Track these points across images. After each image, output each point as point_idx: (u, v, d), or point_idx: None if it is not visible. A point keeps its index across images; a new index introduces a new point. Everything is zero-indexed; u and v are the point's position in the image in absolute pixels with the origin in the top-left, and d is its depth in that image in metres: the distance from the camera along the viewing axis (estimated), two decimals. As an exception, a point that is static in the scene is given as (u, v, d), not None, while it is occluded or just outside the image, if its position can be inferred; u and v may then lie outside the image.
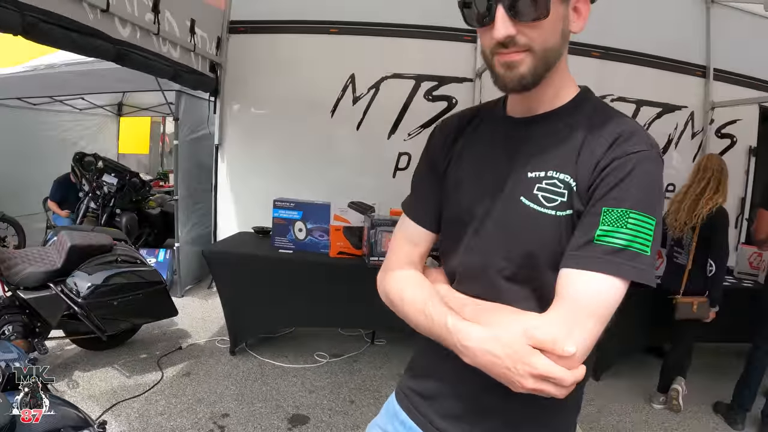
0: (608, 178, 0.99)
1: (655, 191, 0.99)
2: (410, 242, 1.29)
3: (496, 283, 1.11)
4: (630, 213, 0.96)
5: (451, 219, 1.23)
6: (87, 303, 3.65)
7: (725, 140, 5.66)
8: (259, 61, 5.31)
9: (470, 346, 1.00)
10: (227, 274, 4.15)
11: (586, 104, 1.11)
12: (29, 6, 2.59)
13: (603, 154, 1.01)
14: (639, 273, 0.96)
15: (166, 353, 4.28)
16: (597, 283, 0.95)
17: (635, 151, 0.98)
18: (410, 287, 1.20)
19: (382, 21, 5.13)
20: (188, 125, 5.73)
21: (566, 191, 1.04)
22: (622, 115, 1.08)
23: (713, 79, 5.52)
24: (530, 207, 1.06)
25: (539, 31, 1.00)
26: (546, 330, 0.94)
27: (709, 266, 3.67)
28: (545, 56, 1.02)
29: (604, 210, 0.98)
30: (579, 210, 1.03)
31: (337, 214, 3.93)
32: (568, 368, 0.92)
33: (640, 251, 0.96)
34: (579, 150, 1.04)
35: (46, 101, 7.51)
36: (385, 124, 5.25)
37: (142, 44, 3.71)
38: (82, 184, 6.74)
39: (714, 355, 4.84)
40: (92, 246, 3.86)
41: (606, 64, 5.25)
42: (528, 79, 1.03)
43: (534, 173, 1.08)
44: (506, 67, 1.03)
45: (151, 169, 10.63)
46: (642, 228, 0.96)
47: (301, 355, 4.41)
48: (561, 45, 1.05)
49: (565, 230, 1.03)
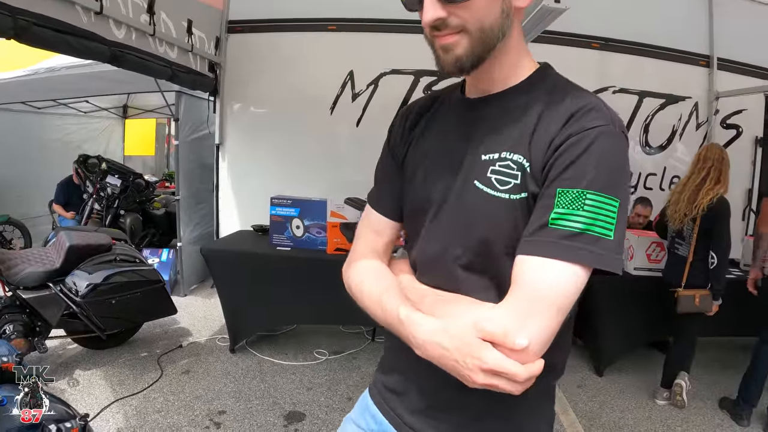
0: (563, 156, 0.92)
1: (616, 170, 0.91)
2: (373, 232, 1.26)
3: (453, 272, 1.06)
4: (587, 194, 0.89)
5: (411, 207, 1.19)
6: (86, 302, 3.68)
7: (731, 131, 5.59)
8: (258, 60, 5.31)
9: (420, 338, 0.96)
10: (226, 272, 4.15)
11: (544, 81, 1.05)
12: (21, 10, 2.60)
13: (558, 131, 0.94)
14: (599, 259, 0.89)
15: (166, 351, 4.29)
16: (553, 270, 0.89)
17: (592, 126, 0.92)
18: (370, 278, 1.16)
19: (380, 17, 5.09)
20: (189, 125, 5.74)
21: (519, 173, 0.98)
22: (582, 91, 1.01)
23: (717, 69, 5.44)
24: (483, 191, 1.01)
25: (471, 11, 0.94)
26: (497, 322, 0.88)
27: (710, 258, 3.60)
28: (482, 37, 0.96)
29: (558, 191, 0.91)
30: (534, 192, 0.96)
31: (334, 210, 3.91)
32: (521, 362, 0.86)
33: (601, 235, 0.89)
34: (533, 129, 0.98)
35: (50, 105, 7.57)
36: (385, 120, 5.10)
37: (137, 45, 3.72)
38: (86, 186, 6.77)
39: (719, 349, 4.79)
40: (91, 246, 3.88)
41: (606, 55, 5.19)
42: (464, 62, 0.97)
43: (488, 155, 1.02)
44: (443, 50, 0.98)
45: (157, 171, 10.69)
46: (602, 210, 0.89)
47: (301, 352, 4.40)
48: (501, 23, 0.97)
49: (521, 215, 0.97)
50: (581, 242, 0.88)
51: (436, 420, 1.13)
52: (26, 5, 2.63)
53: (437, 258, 1.10)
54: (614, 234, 0.90)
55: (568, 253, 0.88)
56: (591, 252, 0.88)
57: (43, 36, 2.78)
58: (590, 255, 0.88)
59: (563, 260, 0.88)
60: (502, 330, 0.86)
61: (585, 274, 0.90)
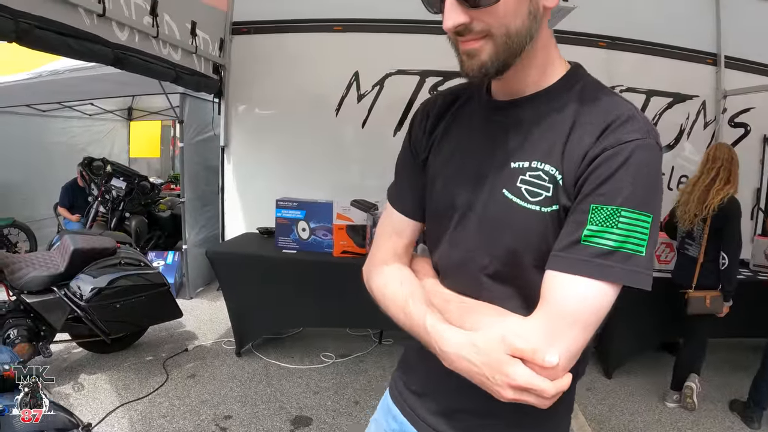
0: (598, 170, 0.89)
1: (651, 184, 0.89)
2: (395, 233, 1.22)
3: (478, 280, 1.05)
4: (622, 211, 0.86)
5: (433, 210, 1.16)
6: (90, 306, 3.66)
7: (739, 129, 5.51)
8: (263, 61, 5.27)
9: (448, 351, 0.95)
10: (231, 275, 4.13)
11: (575, 84, 1.00)
12: (23, 12, 2.57)
13: (593, 143, 0.91)
14: (631, 276, 0.88)
15: (171, 355, 4.28)
16: (584, 287, 0.88)
17: (630, 139, 0.88)
18: (392, 282, 1.14)
19: (386, 17, 5.06)
20: (193, 127, 5.73)
21: (551, 185, 0.95)
22: (616, 97, 0.97)
23: (725, 67, 5.37)
24: (513, 201, 0.98)
25: (495, 15, 0.89)
26: (526, 338, 0.87)
27: (721, 259, 3.56)
28: (508, 42, 0.91)
29: (592, 207, 0.88)
30: (566, 206, 0.93)
31: (340, 212, 3.88)
32: (550, 379, 0.86)
33: (634, 252, 0.87)
34: (566, 138, 0.94)
35: (54, 107, 7.56)
36: (391, 121, 5.18)
37: (141, 47, 3.69)
38: (91, 189, 6.77)
39: (729, 350, 4.74)
40: (95, 249, 3.86)
41: (613, 54, 5.14)
42: (489, 67, 0.93)
43: (517, 163, 0.99)
44: (467, 55, 0.94)
45: (162, 173, 10.69)
46: (636, 227, 0.87)
47: (308, 355, 4.38)
48: (529, 26, 0.92)
49: (551, 228, 0.95)
50: (614, 260, 0.87)
51: (459, 422, 1.12)
52: (28, 8, 2.60)
53: (462, 265, 1.08)
54: (646, 250, 0.88)
55: (601, 272, 0.87)
56: (623, 270, 0.87)
57: (45, 39, 2.75)
58: (622, 273, 0.87)
59: (595, 278, 0.87)
60: (532, 347, 0.86)
61: (615, 292, 0.89)
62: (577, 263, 0.88)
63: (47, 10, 2.73)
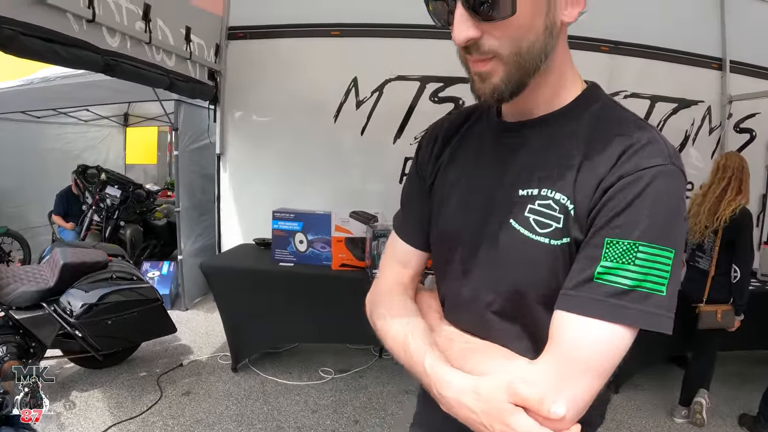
0: (613, 200, 0.81)
1: (673, 215, 0.80)
2: (399, 262, 1.16)
3: (484, 317, 0.97)
4: (640, 246, 0.78)
5: (438, 240, 1.10)
6: (80, 323, 3.55)
7: (744, 135, 5.41)
8: (260, 67, 5.16)
9: (447, 396, 0.88)
10: (227, 289, 4.01)
11: (591, 105, 0.93)
12: (6, 18, 2.47)
13: (608, 170, 0.83)
14: (649, 319, 0.79)
15: (166, 371, 4.16)
16: (597, 331, 0.79)
17: (649, 165, 0.80)
18: (394, 317, 1.06)
19: (385, 22, 4.95)
20: (189, 135, 5.62)
21: (562, 216, 0.87)
22: (634, 119, 0.89)
23: (730, 72, 5.27)
24: (520, 233, 0.90)
25: (508, 31, 0.81)
26: (532, 385, 0.80)
27: (733, 272, 3.45)
28: (519, 61, 0.84)
29: (607, 241, 0.80)
30: (577, 239, 0.85)
31: (339, 224, 3.76)
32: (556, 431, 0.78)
33: (653, 291, 0.79)
34: (579, 164, 0.86)
35: (49, 113, 7.44)
36: (390, 128, 5.06)
37: (133, 54, 3.59)
38: (85, 197, 6.67)
39: (737, 363, 4.64)
40: (85, 263, 3.75)
41: (616, 59, 5.03)
42: (503, 91, 0.86)
43: (526, 191, 0.91)
44: (479, 77, 0.87)
45: (159, 179, 10.58)
46: (655, 263, 0.78)
47: (306, 371, 4.26)
48: (544, 42, 0.85)
49: (561, 262, 0.87)
50: (629, 301, 0.79)
51: None
52: (13, 14, 2.49)
53: (468, 301, 1.01)
54: (667, 289, 0.79)
55: (615, 314, 0.79)
56: (640, 311, 0.79)
57: (30, 46, 2.64)
58: (639, 315, 0.79)
59: (608, 321, 0.79)
60: (538, 396, 0.79)
61: (631, 335, 0.81)
62: (590, 303, 0.80)
63: (33, 15, 2.63)
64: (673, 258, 0.79)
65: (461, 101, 4.93)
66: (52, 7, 2.75)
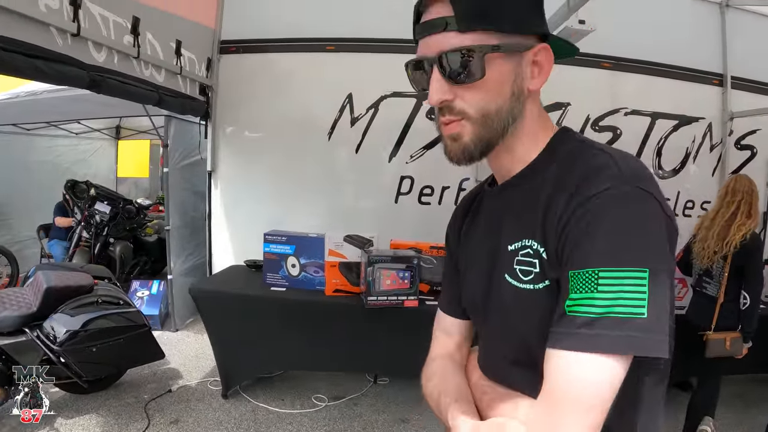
0: (571, 233, 0.83)
1: (635, 234, 0.79)
2: (444, 333, 1.25)
3: (504, 369, 1.04)
4: (599, 272, 0.78)
5: (467, 307, 1.18)
6: (64, 350, 3.41)
7: (745, 152, 5.37)
8: (253, 82, 5.05)
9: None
10: (216, 314, 3.86)
11: (558, 151, 0.96)
12: (-15, 33, 2.36)
13: (564, 207, 0.85)
14: (626, 343, 0.76)
15: (154, 397, 4.00)
16: (574, 364, 0.78)
17: (598, 191, 0.81)
18: (434, 379, 1.15)
19: (381, 37, 4.85)
20: (180, 151, 5.49)
21: (537, 260, 0.91)
22: (596, 151, 0.90)
23: (731, 88, 5.22)
24: (511, 284, 0.95)
25: (478, 93, 0.90)
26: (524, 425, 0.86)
27: (742, 299, 3.33)
28: (486, 123, 0.92)
29: (570, 274, 0.82)
30: (556, 279, 0.87)
31: (332, 248, 3.62)
32: None
33: (628, 315, 0.77)
34: (545, 208, 0.90)
35: (40, 126, 7.35)
36: (386, 146, 4.97)
37: (120, 69, 3.47)
38: (74, 213, 6.53)
39: (740, 384, 4.53)
40: (70, 287, 3.61)
41: (618, 76, 4.96)
42: (473, 150, 0.94)
43: (513, 245, 0.97)
44: (451, 139, 0.95)
45: (151, 193, 10.46)
46: (624, 286, 0.77)
47: (299, 397, 4.10)
48: (511, 107, 0.92)
49: (547, 304, 0.88)
50: (602, 328, 0.77)
51: None
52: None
53: (491, 356, 1.10)
54: (648, 310, 0.77)
55: (588, 343, 0.78)
56: (617, 337, 0.77)
57: (10, 61, 2.52)
58: (615, 340, 0.77)
59: (583, 351, 0.78)
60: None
61: (618, 364, 0.78)
62: (564, 337, 0.80)
63: (14, 29, 2.52)
64: (647, 277, 0.77)
65: (458, 119, 4.83)
66: (34, 21, 2.64)
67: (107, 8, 3.26)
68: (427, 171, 4.94)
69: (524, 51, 0.92)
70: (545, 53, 0.93)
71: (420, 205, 5.00)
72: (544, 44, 0.94)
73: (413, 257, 3.48)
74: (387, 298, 3.44)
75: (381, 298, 3.42)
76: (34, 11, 2.61)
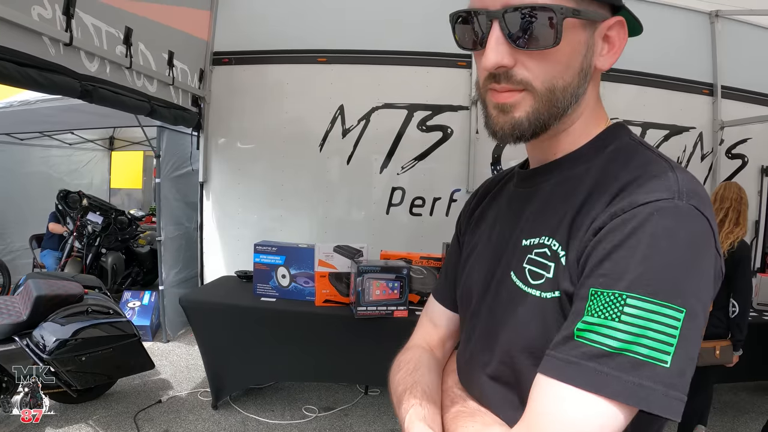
0: (602, 243, 0.69)
1: (682, 265, 0.65)
2: (430, 321, 1.12)
3: (480, 380, 0.88)
4: (627, 298, 0.64)
5: (459, 299, 1.04)
6: (53, 358, 3.38)
7: (736, 161, 5.39)
8: (245, 93, 5.07)
9: None
10: (206, 324, 3.84)
11: (608, 146, 0.82)
12: (-25, 41, 2.37)
13: (602, 209, 0.72)
14: (639, 393, 0.62)
15: (144, 408, 3.98)
16: (570, 401, 0.65)
17: (646, 201, 0.68)
18: (404, 371, 0.99)
19: (372, 48, 4.89)
20: (172, 162, 5.50)
21: (552, 264, 0.76)
22: (650, 155, 0.78)
23: (722, 97, 5.25)
24: (516, 285, 0.82)
25: (545, 64, 0.75)
26: None
27: (731, 307, 3.34)
28: (551, 99, 0.77)
29: (591, 292, 0.67)
30: (568, 291, 0.73)
31: (323, 259, 3.61)
32: None
33: (648, 359, 0.63)
34: (579, 207, 0.77)
35: (34, 135, 7.34)
36: (377, 157, 4.98)
37: (112, 79, 3.49)
38: (66, 223, 6.52)
39: (731, 392, 4.56)
40: (60, 296, 3.61)
41: (608, 86, 4.97)
42: (525, 128, 0.78)
43: (528, 240, 0.83)
44: (499, 109, 0.79)
45: (144, 204, 10.46)
46: (652, 322, 0.63)
47: (289, 408, 4.08)
48: (577, 84, 0.78)
49: (552, 319, 0.75)
50: (613, 367, 0.63)
51: None
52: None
53: (469, 361, 0.94)
54: (672, 359, 0.63)
55: (591, 381, 0.64)
56: (627, 383, 0.62)
57: (2, 70, 2.53)
58: (624, 386, 0.62)
59: (584, 389, 0.64)
60: None
61: (618, 413, 0.64)
62: (564, 366, 0.67)
63: (6, 38, 2.53)
64: (682, 320, 0.63)
65: (449, 130, 4.86)
66: (27, 30, 2.65)
67: (100, 18, 3.29)
68: (418, 182, 4.95)
69: (601, 21, 0.79)
70: (620, 28, 0.81)
71: (411, 216, 5.00)
72: (620, 18, 0.81)
73: (403, 267, 3.47)
74: (377, 309, 3.43)
75: (371, 308, 3.41)
76: (27, 20, 2.62)
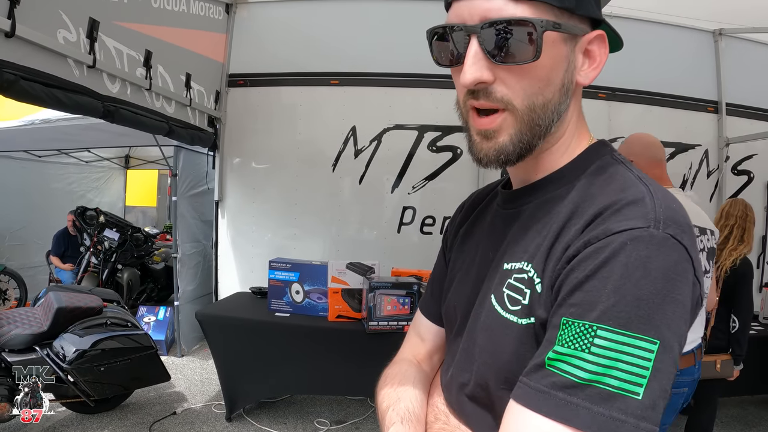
0: (575, 272, 0.67)
1: (657, 296, 0.62)
2: (418, 335, 1.11)
3: (460, 400, 0.88)
4: (597, 329, 0.62)
5: (444, 315, 1.03)
6: (72, 368, 3.50)
7: (742, 177, 5.42)
8: (260, 114, 5.22)
9: None
10: (222, 338, 3.94)
11: (590, 165, 0.80)
12: (7, 63, 2.50)
13: (577, 236, 0.70)
14: (610, 426, 0.60)
15: (159, 419, 4.06)
16: (540, 430, 0.64)
17: (620, 229, 0.66)
18: (389, 385, 1.00)
19: (383, 71, 5.03)
20: (188, 180, 5.63)
21: (528, 290, 0.75)
22: (632, 177, 0.75)
23: (726, 114, 5.30)
24: (494, 309, 0.80)
25: (525, 79, 0.73)
26: None
27: (732, 322, 3.38)
28: (533, 118, 0.75)
29: (563, 321, 0.66)
30: (542, 319, 0.73)
31: (335, 275, 3.71)
32: None
33: (619, 391, 0.61)
34: (558, 231, 0.75)
35: (52, 153, 7.52)
36: (389, 177, 5.10)
37: (133, 100, 3.63)
38: (83, 239, 6.66)
39: (737, 406, 4.56)
40: (80, 308, 3.73)
41: (614, 105, 5.07)
42: (510, 152, 0.76)
43: (510, 264, 0.81)
44: (482, 136, 0.77)
45: (158, 222, 10.60)
46: (624, 354, 0.61)
47: (301, 421, 4.15)
48: (558, 101, 0.76)
49: (527, 345, 0.74)
50: (583, 398, 0.62)
51: None
52: (14, 58, 2.53)
53: (450, 380, 0.92)
54: (645, 391, 0.61)
55: (561, 411, 0.63)
56: (597, 414, 0.61)
57: (30, 91, 2.66)
58: (593, 418, 0.61)
59: (553, 420, 0.63)
60: None
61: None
62: (533, 395, 0.66)
63: (33, 60, 2.67)
64: (656, 352, 0.61)
65: (459, 150, 4.96)
66: (53, 53, 2.79)
67: (122, 42, 3.45)
68: (428, 201, 5.06)
69: (581, 35, 0.77)
70: (600, 43, 0.79)
71: (422, 235, 5.10)
72: (600, 31, 0.79)
73: (413, 284, 3.56)
74: (388, 323, 3.50)
75: (382, 323, 3.49)
76: (53, 43, 2.77)
